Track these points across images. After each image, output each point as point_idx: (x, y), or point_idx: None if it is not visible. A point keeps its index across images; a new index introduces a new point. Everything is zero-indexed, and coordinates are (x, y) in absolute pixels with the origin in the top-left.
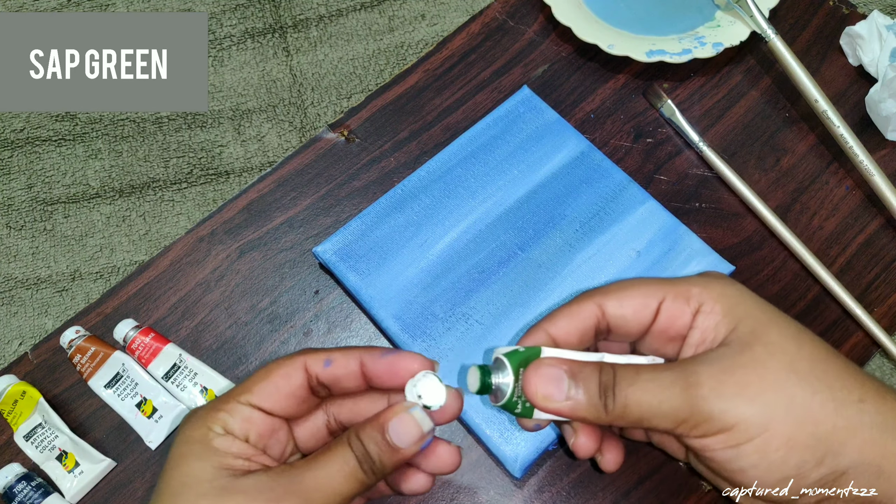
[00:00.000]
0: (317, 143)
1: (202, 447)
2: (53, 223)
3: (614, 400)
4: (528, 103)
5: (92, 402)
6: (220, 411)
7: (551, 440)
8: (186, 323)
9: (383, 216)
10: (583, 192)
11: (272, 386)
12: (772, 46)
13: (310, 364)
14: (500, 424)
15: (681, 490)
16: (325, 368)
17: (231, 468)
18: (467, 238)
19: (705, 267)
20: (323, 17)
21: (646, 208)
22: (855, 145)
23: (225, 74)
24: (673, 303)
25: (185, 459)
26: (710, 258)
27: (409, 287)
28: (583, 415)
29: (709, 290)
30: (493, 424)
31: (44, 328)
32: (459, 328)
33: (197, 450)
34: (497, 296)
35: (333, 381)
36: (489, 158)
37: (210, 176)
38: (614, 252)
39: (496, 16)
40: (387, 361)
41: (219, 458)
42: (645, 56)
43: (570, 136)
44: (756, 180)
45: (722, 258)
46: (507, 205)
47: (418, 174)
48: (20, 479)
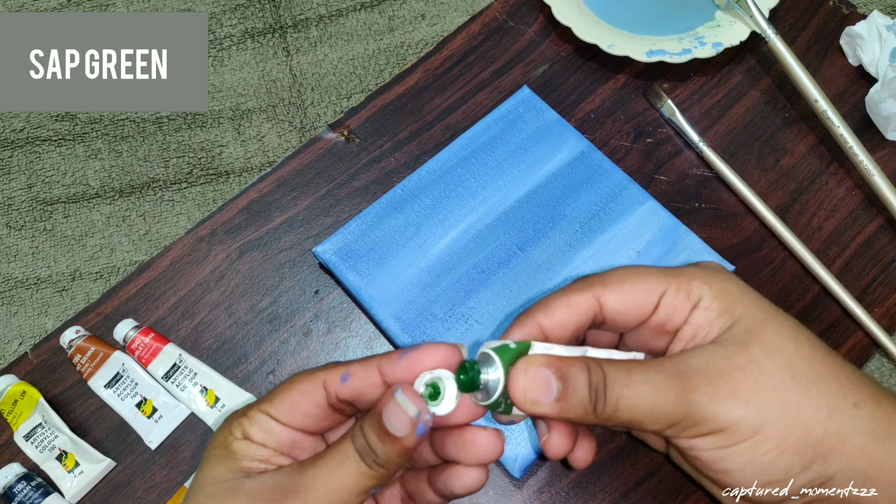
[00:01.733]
0: (317, 143)
1: (223, 451)
2: (53, 223)
3: (605, 402)
4: (528, 103)
5: (92, 402)
6: (243, 417)
7: None
8: (186, 323)
9: (383, 216)
10: (583, 192)
11: (289, 401)
12: (772, 46)
13: (328, 382)
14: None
15: (679, 491)
16: (344, 384)
17: (247, 470)
18: (467, 238)
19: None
20: (323, 17)
21: (646, 208)
22: (855, 145)
23: (225, 74)
24: (674, 297)
25: (206, 462)
26: (710, 258)
27: (408, 287)
28: (569, 417)
29: (709, 284)
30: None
31: (44, 328)
32: (459, 328)
33: (217, 454)
34: (497, 296)
35: (356, 397)
36: (489, 158)
37: (210, 176)
38: (614, 252)
39: (496, 16)
40: (404, 364)
41: (235, 461)
42: (645, 56)
43: (570, 136)
44: (756, 180)
45: (722, 258)
46: (506, 205)
47: (418, 174)
48: (20, 479)
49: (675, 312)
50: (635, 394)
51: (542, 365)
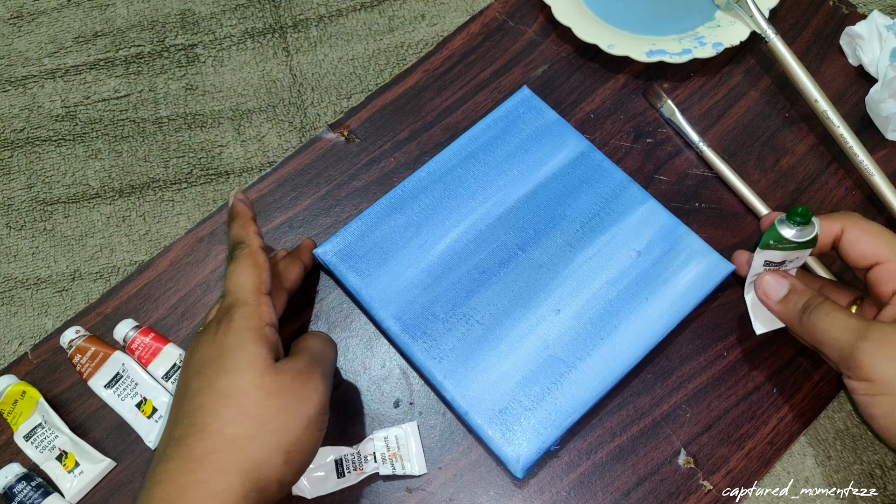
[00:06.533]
0: (317, 143)
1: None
2: (53, 223)
3: (809, 318)
4: (528, 103)
5: (92, 402)
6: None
7: (553, 440)
8: (186, 323)
9: (383, 217)
10: (583, 193)
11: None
12: (772, 46)
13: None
14: (503, 425)
15: (680, 491)
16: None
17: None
18: (467, 238)
19: (705, 267)
20: (323, 17)
21: (646, 208)
22: (855, 145)
23: (225, 74)
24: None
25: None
26: (711, 258)
27: (409, 288)
28: (782, 315)
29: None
30: (495, 425)
31: (44, 328)
32: (460, 328)
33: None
34: (498, 296)
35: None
36: (489, 159)
37: (210, 176)
38: (615, 252)
39: (496, 16)
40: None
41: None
42: (645, 56)
43: (570, 137)
44: (756, 180)
45: (722, 258)
46: (507, 205)
47: (418, 175)
48: (20, 479)
49: (882, 283)
50: (828, 323)
51: (785, 276)
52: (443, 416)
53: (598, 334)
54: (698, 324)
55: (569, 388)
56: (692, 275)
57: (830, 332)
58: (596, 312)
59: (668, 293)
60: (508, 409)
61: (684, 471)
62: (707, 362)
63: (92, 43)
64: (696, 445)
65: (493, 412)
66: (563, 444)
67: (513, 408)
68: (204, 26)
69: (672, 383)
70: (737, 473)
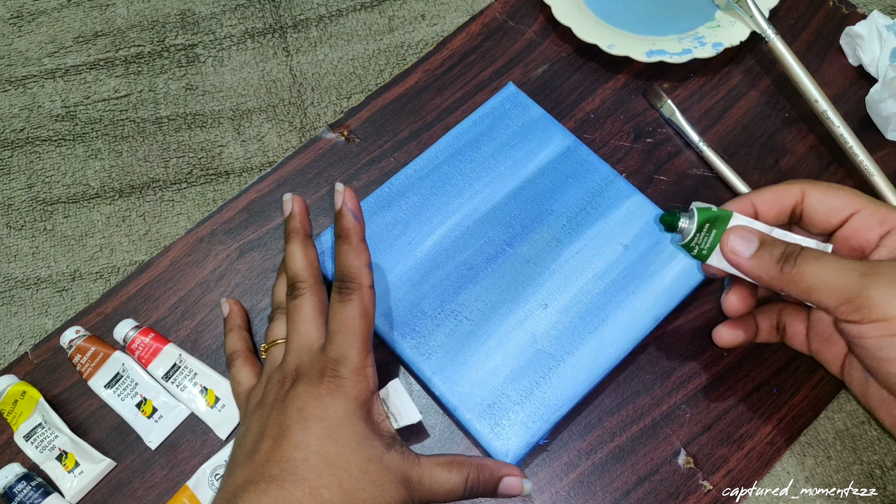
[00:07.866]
0: (317, 143)
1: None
2: (53, 223)
3: (793, 265)
4: (514, 99)
5: (92, 402)
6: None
7: (542, 434)
8: (186, 323)
9: (371, 215)
10: (569, 188)
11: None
12: (772, 46)
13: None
14: (491, 420)
15: (679, 491)
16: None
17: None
18: (455, 235)
19: (693, 260)
20: (323, 17)
21: (632, 202)
22: (855, 145)
23: (225, 74)
24: (867, 218)
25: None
26: None
27: (397, 285)
28: (758, 273)
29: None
30: (483, 420)
31: (44, 328)
32: (448, 325)
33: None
34: (486, 292)
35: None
36: (476, 155)
37: (210, 176)
38: (601, 246)
39: (496, 16)
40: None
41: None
42: (645, 56)
43: (555, 132)
44: (756, 180)
45: None
46: (494, 201)
47: (405, 172)
48: (20, 479)
49: (864, 231)
50: (822, 265)
51: (748, 230)
52: (443, 416)
53: (585, 328)
54: (698, 324)
55: (557, 382)
56: (679, 268)
57: (824, 274)
58: (583, 306)
59: (655, 286)
60: (497, 404)
61: (684, 471)
62: (707, 362)
63: (92, 43)
64: (696, 445)
65: (481, 407)
66: (562, 444)
67: (501, 402)
68: (204, 26)
69: (672, 383)
70: (737, 473)
